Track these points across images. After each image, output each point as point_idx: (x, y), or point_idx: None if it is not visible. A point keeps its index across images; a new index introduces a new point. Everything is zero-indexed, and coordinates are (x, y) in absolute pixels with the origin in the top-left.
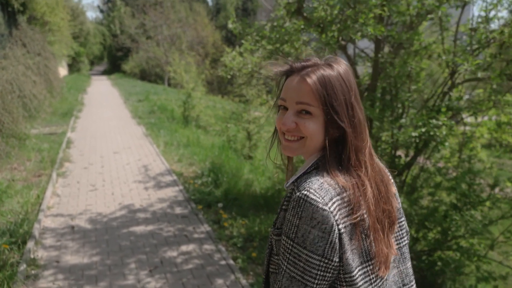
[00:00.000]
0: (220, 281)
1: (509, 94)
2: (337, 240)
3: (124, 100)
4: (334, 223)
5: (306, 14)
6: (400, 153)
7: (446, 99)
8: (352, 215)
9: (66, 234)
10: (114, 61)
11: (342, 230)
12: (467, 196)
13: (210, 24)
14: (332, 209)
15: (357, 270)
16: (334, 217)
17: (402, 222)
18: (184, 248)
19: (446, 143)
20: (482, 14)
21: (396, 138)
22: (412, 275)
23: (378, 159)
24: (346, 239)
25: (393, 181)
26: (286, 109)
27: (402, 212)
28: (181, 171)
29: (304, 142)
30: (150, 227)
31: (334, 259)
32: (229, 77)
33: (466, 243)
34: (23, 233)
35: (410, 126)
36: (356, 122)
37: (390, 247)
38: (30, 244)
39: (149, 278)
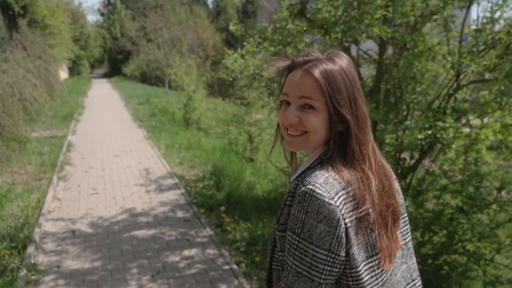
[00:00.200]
0: (223, 286)
1: None
2: (343, 234)
3: (124, 103)
4: (341, 217)
5: (310, 16)
6: (404, 155)
7: (452, 101)
8: (357, 210)
9: (67, 238)
10: (114, 64)
11: (348, 225)
12: (474, 199)
13: (210, 26)
14: (338, 203)
15: (362, 265)
16: (340, 211)
17: (406, 217)
18: (186, 252)
19: (453, 146)
20: (487, 15)
21: (400, 140)
22: (417, 270)
23: (380, 155)
24: (352, 234)
25: (395, 176)
26: (288, 104)
27: (405, 207)
28: (182, 174)
29: (307, 136)
30: (152, 231)
31: (341, 254)
32: (230, 79)
33: (472, 247)
34: (24, 237)
35: (415, 128)
36: (359, 116)
37: (394, 242)
38: (30, 248)
39: (151, 284)
